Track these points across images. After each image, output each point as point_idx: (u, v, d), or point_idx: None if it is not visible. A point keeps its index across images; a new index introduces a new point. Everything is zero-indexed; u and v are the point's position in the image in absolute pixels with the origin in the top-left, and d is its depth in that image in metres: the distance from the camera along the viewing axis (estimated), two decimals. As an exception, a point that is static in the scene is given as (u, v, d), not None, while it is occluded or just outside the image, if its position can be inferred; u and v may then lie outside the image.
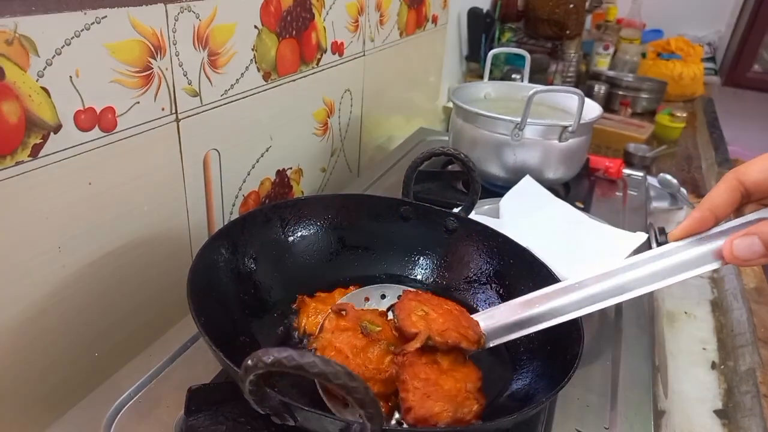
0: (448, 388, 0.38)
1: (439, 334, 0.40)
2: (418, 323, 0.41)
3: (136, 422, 0.44)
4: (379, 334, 0.42)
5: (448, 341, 0.40)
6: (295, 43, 0.74)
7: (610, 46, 1.77)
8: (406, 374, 0.38)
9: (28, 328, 0.48)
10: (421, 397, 0.37)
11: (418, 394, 0.37)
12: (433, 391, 0.38)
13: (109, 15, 0.47)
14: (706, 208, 0.35)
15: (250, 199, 0.74)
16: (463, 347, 0.41)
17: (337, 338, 0.41)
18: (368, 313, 0.45)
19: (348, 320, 0.42)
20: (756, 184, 0.34)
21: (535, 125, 0.77)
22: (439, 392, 0.38)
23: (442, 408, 0.37)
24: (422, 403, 0.37)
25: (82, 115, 0.47)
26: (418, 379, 0.38)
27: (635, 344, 0.58)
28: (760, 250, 0.32)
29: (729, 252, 0.33)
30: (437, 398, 0.37)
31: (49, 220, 0.47)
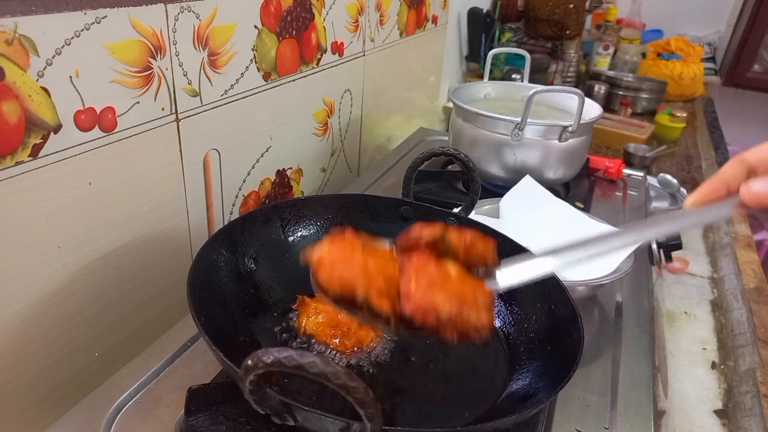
0: (456, 289, 0.34)
1: (457, 233, 0.36)
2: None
3: (136, 422, 0.44)
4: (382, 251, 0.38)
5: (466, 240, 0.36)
6: (295, 43, 0.74)
7: (610, 46, 1.77)
8: (410, 267, 0.34)
9: (28, 328, 0.48)
10: (423, 287, 0.33)
11: (421, 284, 0.33)
12: (438, 284, 0.33)
13: (109, 15, 0.47)
14: (717, 179, 0.39)
15: (250, 199, 0.74)
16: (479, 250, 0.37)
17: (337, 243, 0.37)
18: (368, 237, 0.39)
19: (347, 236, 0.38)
20: (759, 160, 0.38)
21: (535, 125, 0.77)
22: (444, 286, 0.33)
23: (446, 301, 0.33)
24: (425, 291, 0.33)
25: (82, 115, 0.47)
26: (422, 272, 0.34)
27: (635, 344, 0.58)
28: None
29: (746, 189, 0.36)
30: (441, 291, 0.33)
31: (49, 220, 0.47)
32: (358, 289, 0.34)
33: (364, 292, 0.34)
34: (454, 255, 0.37)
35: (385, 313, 0.34)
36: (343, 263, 0.35)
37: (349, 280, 0.34)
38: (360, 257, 0.35)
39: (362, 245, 0.37)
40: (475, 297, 0.35)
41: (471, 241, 0.37)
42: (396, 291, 0.35)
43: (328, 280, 0.35)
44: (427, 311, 0.33)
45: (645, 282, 0.69)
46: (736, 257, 0.93)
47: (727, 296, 0.83)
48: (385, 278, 0.35)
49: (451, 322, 0.33)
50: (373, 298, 0.34)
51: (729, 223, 1.03)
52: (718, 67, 2.15)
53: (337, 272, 0.35)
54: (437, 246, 0.37)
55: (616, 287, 0.67)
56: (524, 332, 0.51)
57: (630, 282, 0.69)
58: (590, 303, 0.64)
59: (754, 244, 0.97)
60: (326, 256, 0.36)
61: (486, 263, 0.38)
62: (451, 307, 0.33)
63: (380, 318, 0.35)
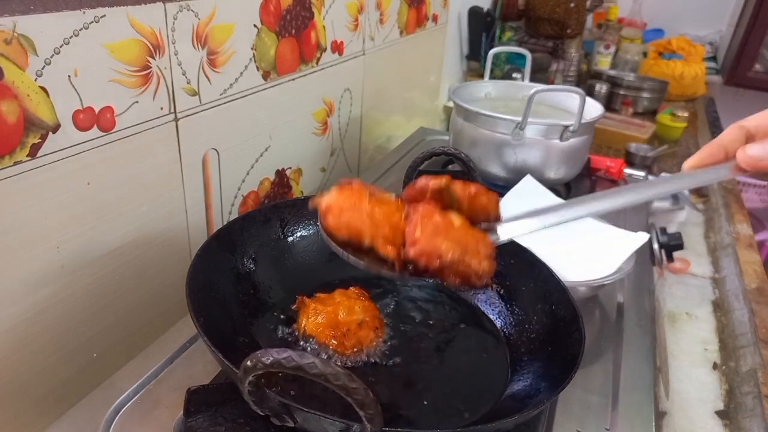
0: (459, 236, 0.36)
1: (461, 185, 0.38)
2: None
3: (135, 423, 0.44)
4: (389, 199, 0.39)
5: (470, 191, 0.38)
6: (295, 42, 0.74)
7: (611, 45, 1.77)
8: (416, 214, 0.36)
9: (26, 329, 0.47)
10: (429, 233, 0.35)
11: (427, 231, 0.35)
12: (442, 231, 0.35)
13: (108, 14, 0.47)
14: (716, 144, 0.40)
15: (250, 199, 0.74)
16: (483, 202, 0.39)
17: (345, 191, 0.38)
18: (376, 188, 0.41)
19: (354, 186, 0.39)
20: (756, 126, 0.40)
21: (536, 125, 0.77)
22: (448, 234, 0.35)
23: (449, 247, 0.35)
24: (430, 238, 0.35)
25: (81, 115, 0.47)
26: (428, 220, 0.36)
27: (636, 345, 0.57)
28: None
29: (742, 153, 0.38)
30: (445, 238, 0.35)
31: (47, 220, 0.46)
32: (365, 235, 0.36)
33: (370, 237, 0.36)
34: (458, 206, 0.39)
35: (390, 258, 0.36)
36: (351, 210, 0.37)
37: (356, 226, 0.36)
38: (367, 205, 0.37)
39: (370, 194, 0.38)
40: (477, 246, 0.37)
41: (475, 192, 0.39)
42: (401, 238, 0.37)
43: (335, 225, 0.36)
44: (430, 255, 0.35)
45: (646, 282, 0.69)
46: (737, 257, 0.93)
47: (728, 297, 0.83)
48: (390, 225, 0.37)
49: (453, 267, 0.35)
50: (379, 244, 0.36)
51: (730, 223, 1.02)
52: (720, 67, 2.15)
53: (345, 218, 0.36)
54: (442, 197, 0.38)
55: (617, 288, 0.67)
56: (525, 333, 0.51)
57: (631, 282, 0.68)
58: (591, 303, 0.64)
59: (755, 244, 0.97)
60: (334, 202, 0.37)
61: (488, 216, 0.40)
62: (453, 252, 0.35)
63: (385, 263, 0.37)
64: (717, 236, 1.01)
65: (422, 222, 0.36)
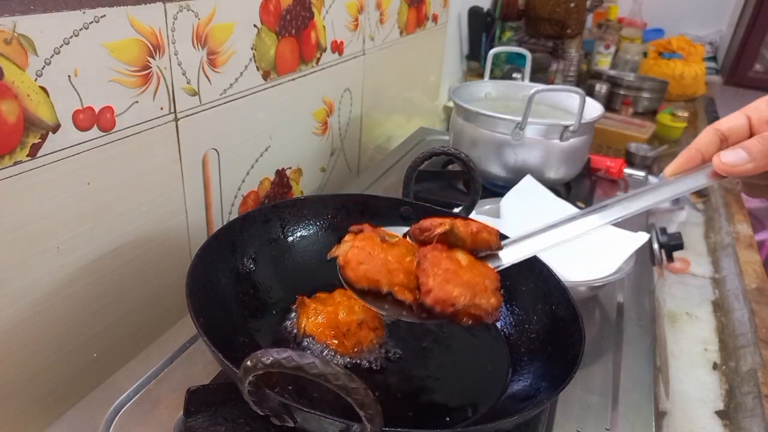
0: (467, 278, 0.39)
1: (463, 225, 0.41)
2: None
3: (135, 423, 0.44)
4: (399, 242, 0.43)
5: (472, 230, 0.41)
6: (295, 42, 0.74)
7: (611, 45, 1.77)
8: (426, 262, 0.39)
9: (26, 329, 0.47)
10: (440, 282, 0.38)
11: (438, 279, 0.38)
12: (452, 277, 0.38)
13: (108, 14, 0.47)
14: (693, 148, 0.42)
15: (250, 199, 0.74)
16: (485, 237, 0.42)
17: (358, 242, 0.41)
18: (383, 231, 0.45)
19: (366, 234, 0.43)
20: (730, 129, 0.41)
21: (536, 125, 0.77)
22: (458, 279, 0.38)
23: (461, 292, 0.38)
24: (441, 286, 0.38)
25: (81, 115, 0.47)
26: (438, 267, 0.39)
27: (636, 345, 0.57)
28: (744, 157, 0.38)
29: (717, 159, 0.39)
30: (456, 284, 0.38)
31: (47, 220, 0.46)
32: (383, 284, 0.40)
33: (387, 286, 0.40)
34: (463, 245, 0.42)
35: (408, 304, 0.40)
36: (367, 262, 0.40)
37: (374, 277, 0.40)
38: (382, 254, 0.40)
39: (380, 240, 0.42)
40: (485, 283, 0.40)
41: (477, 230, 0.42)
42: (415, 282, 0.40)
43: (355, 277, 0.40)
44: (444, 303, 0.38)
45: (646, 282, 0.69)
46: (737, 257, 0.93)
47: (728, 297, 0.83)
48: (405, 272, 0.40)
49: (465, 310, 0.38)
50: (396, 291, 0.40)
51: (730, 223, 1.02)
52: (720, 67, 2.15)
53: (362, 271, 0.40)
54: (448, 238, 0.41)
55: (617, 288, 0.67)
56: (525, 333, 0.51)
57: (631, 282, 0.68)
58: (591, 303, 0.64)
59: (755, 244, 0.97)
60: (351, 255, 0.41)
61: (490, 248, 0.43)
62: (465, 297, 0.38)
63: (403, 307, 0.40)
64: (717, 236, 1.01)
65: (433, 271, 0.39)
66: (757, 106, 0.42)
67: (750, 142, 0.39)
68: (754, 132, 0.41)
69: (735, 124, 0.41)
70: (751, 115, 0.42)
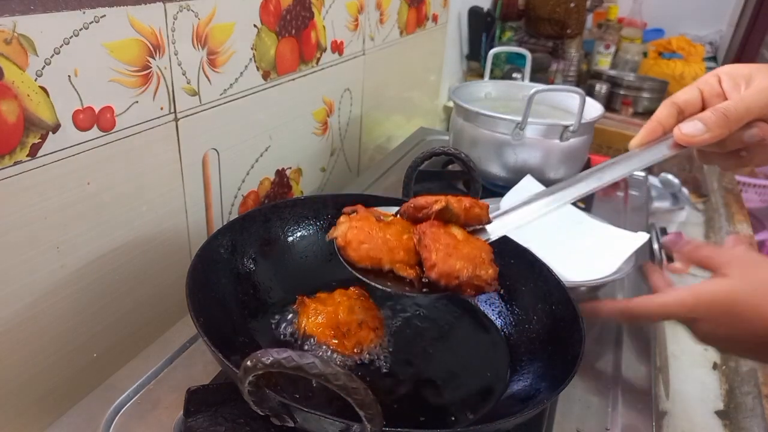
0: (466, 251, 0.41)
1: (456, 201, 0.43)
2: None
3: (135, 423, 0.44)
4: (394, 220, 0.44)
5: (465, 205, 0.43)
6: (295, 42, 0.74)
7: (611, 45, 1.77)
8: (427, 239, 0.41)
9: (26, 328, 0.47)
10: (443, 256, 0.40)
11: (441, 254, 0.40)
12: (453, 252, 0.40)
13: (108, 14, 0.47)
14: (654, 120, 0.45)
15: (250, 199, 0.74)
16: (477, 212, 0.44)
17: (355, 222, 0.42)
18: (377, 210, 0.46)
19: (361, 214, 0.44)
20: (685, 102, 0.45)
21: (536, 125, 0.77)
22: (458, 253, 0.40)
23: (463, 265, 0.39)
24: (445, 260, 0.39)
25: (81, 115, 0.47)
26: (439, 242, 0.40)
27: (636, 345, 0.57)
28: (701, 128, 0.42)
29: (678, 131, 0.43)
30: (457, 257, 0.40)
31: (47, 220, 0.46)
32: (385, 262, 0.41)
33: (389, 263, 0.41)
34: (456, 220, 0.43)
35: (409, 280, 0.41)
36: (367, 241, 0.41)
37: (376, 256, 0.41)
38: (380, 233, 0.41)
39: (376, 219, 0.43)
40: (481, 255, 0.41)
41: (469, 206, 0.44)
42: (415, 258, 0.41)
43: (357, 257, 0.41)
44: (449, 276, 0.39)
45: (646, 282, 0.69)
46: (737, 257, 0.92)
47: (728, 296, 0.83)
48: (404, 249, 0.41)
49: (469, 281, 0.40)
50: (399, 268, 0.41)
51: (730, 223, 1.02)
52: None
53: (364, 250, 0.41)
54: (443, 215, 0.43)
55: (617, 288, 0.67)
56: (525, 333, 0.51)
57: (631, 282, 0.68)
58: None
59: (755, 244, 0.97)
60: (351, 235, 0.41)
61: (481, 222, 0.45)
62: (468, 269, 0.39)
63: (405, 283, 0.41)
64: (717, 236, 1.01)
65: (435, 246, 0.40)
66: (708, 80, 0.46)
67: (705, 114, 0.43)
68: (706, 104, 0.45)
69: (689, 97, 0.45)
70: (703, 89, 0.46)
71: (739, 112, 0.42)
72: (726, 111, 0.42)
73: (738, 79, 0.45)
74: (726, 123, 0.42)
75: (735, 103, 0.43)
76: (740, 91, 0.44)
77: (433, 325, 0.53)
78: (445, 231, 0.42)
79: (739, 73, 0.45)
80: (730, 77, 0.45)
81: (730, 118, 0.42)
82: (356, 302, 0.49)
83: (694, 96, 0.46)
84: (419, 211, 0.43)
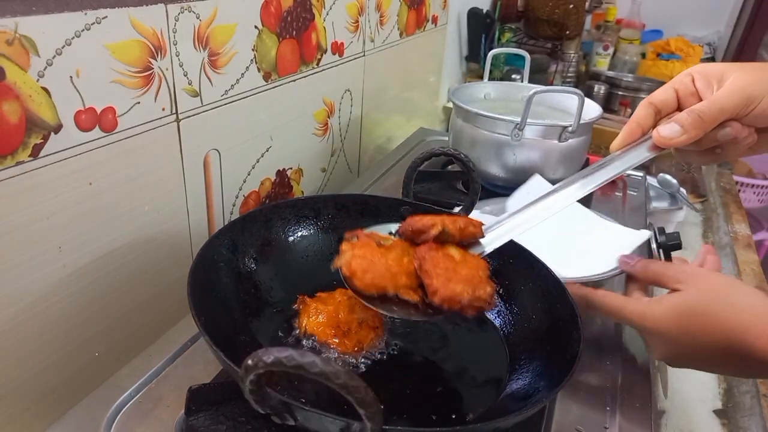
0: (465, 273, 0.42)
1: (452, 222, 0.45)
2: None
3: (137, 422, 0.44)
4: (393, 244, 0.45)
5: (460, 225, 0.45)
6: (296, 43, 0.74)
7: (609, 46, 1.77)
8: (427, 265, 0.42)
9: (28, 328, 0.48)
10: (443, 281, 0.41)
11: (441, 279, 0.41)
12: (453, 275, 0.42)
13: (109, 15, 0.47)
14: (633, 122, 0.47)
15: (251, 199, 0.74)
16: (471, 231, 0.45)
17: (357, 250, 0.44)
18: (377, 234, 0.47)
19: (362, 240, 0.45)
20: (662, 102, 0.47)
21: (534, 125, 0.77)
22: (458, 276, 0.42)
23: (463, 288, 0.41)
24: (446, 285, 0.41)
25: (83, 115, 0.47)
26: (438, 267, 0.42)
27: (635, 343, 0.58)
28: (678, 130, 0.44)
29: (656, 133, 0.45)
30: (457, 281, 0.41)
31: (49, 220, 0.47)
32: (390, 289, 0.42)
33: (393, 289, 0.42)
34: (452, 240, 0.45)
35: (413, 303, 0.42)
36: (372, 270, 0.42)
37: (381, 284, 0.42)
38: (382, 260, 0.43)
39: (377, 245, 0.44)
40: (479, 274, 0.43)
41: (464, 225, 0.45)
42: (417, 281, 0.43)
43: (363, 286, 0.42)
44: (451, 301, 0.41)
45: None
46: (735, 257, 0.93)
47: (726, 296, 0.83)
48: (406, 273, 0.43)
49: (469, 303, 0.41)
50: (402, 293, 0.42)
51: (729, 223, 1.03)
52: (718, 68, 2.15)
53: (369, 279, 0.42)
54: (439, 236, 0.44)
55: (617, 287, 0.67)
56: (524, 332, 0.51)
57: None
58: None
59: (753, 244, 0.97)
60: (355, 265, 0.42)
61: (475, 238, 0.47)
62: (468, 292, 0.41)
63: (410, 306, 0.43)
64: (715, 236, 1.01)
65: (435, 272, 0.42)
66: (682, 79, 0.47)
67: (681, 116, 0.44)
68: (681, 103, 0.47)
69: (665, 97, 0.47)
70: (678, 88, 0.47)
71: (713, 113, 0.44)
72: (701, 113, 0.44)
73: (710, 79, 0.46)
74: (701, 124, 0.44)
75: (709, 105, 0.44)
76: (713, 90, 0.45)
77: (433, 324, 0.53)
78: (444, 253, 0.44)
79: (712, 72, 0.46)
80: (703, 76, 0.46)
81: (705, 119, 0.44)
82: (356, 301, 0.49)
83: (669, 96, 0.47)
84: (417, 236, 0.45)
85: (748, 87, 0.44)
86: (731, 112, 0.44)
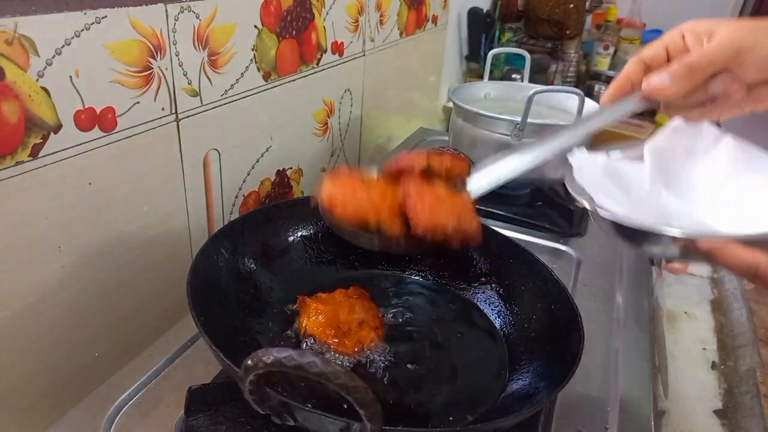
0: (450, 206, 0.42)
1: (438, 158, 0.44)
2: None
3: (136, 422, 0.44)
4: (377, 181, 0.44)
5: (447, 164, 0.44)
6: (295, 43, 0.74)
7: (610, 46, 1.77)
8: (412, 199, 0.41)
9: (27, 328, 0.48)
10: (428, 211, 0.40)
11: (426, 209, 0.40)
12: (437, 207, 0.41)
13: (109, 15, 0.47)
14: (622, 76, 0.47)
15: (250, 199, 0.74)
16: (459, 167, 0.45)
17: (338, 181, 0.42)
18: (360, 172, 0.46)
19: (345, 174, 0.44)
20: (652, 59, 0.46)
21: (535, 125, 0.77)
22: (443, 208, 0.41)
23: (448, 218, 0.40)
24: (429, 215, 0.40)
25: (82, 115, 0.47)
26: (423, 201, 0.41)
27: (635, 344, 0.58)
28: (667, 80, 0.43)
29: (645, 83, 0.44)
30: (442, 212, 0.40)
31: (48, 220, 0.47)
32: (371, 220, 0.41)
33: (376, 221, 0.41)
34: (438, 176, 0.44)
35: (397, 235, 0.41)
36: (353, 200, 0.41)
37: (362, 215, 0.40)
38: (364, 191, 0.41)
39: (360, 179, 0.43)
40: (464, 207, 0.42)
41: (450, 162, 0.44)
42: (400, 216, 0.41)
43: (344, 217, 0.41)
44: (435, 230, 0.40)
45: (645, 282, 0.70)
46: (736, 257, 0.93)
47: (727, 296, 0.83)
48: (389, 205, 0.41)
49: (453, 233, 0.40)
50: (385, 225, 0.41)
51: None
52: (719, 67, 2.15)
53: (350, 209, 0.40)
54: (425, 172, 0.44)
55: (617, 287, 0.67)
56: (524, 332, 0.51)
57: (630, 282, 0.69)
58: (590, 303, 0.64)
59: None
60: (337, 196, 0.41)
61: (462, 176, 0.45)
62: (452, 221, 0.40)
63: (392, 240, 0.41)
64: None
65: (420, 202, 0.40)
66: (672, 37, 0.47)
67: (672, 66, 0.44)
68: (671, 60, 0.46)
69: (655, 54, 0.47)
70: (668, 45, 0.47)
71: (702, 64, 0.44)
72: (690, 63, 0.44)
73: (700, 34, 0.46)
74: (690, 74, 0.43)
75: (698, 56, 0.44)
76: (702, 45, 0.45)
77: (433, 324, 0.53)
78: (429, 188, 0.42)
79: (701, 27, 0.46)
80: (693, 33, 0.47)
81: (694, 69, 0.43)
82: (356, 302, 0.50)
83: (659, 52, 0.47)
84: (402, 175, 0.43)
85: (737, 39, 0.44)
86: (721, 64, 0.44)
